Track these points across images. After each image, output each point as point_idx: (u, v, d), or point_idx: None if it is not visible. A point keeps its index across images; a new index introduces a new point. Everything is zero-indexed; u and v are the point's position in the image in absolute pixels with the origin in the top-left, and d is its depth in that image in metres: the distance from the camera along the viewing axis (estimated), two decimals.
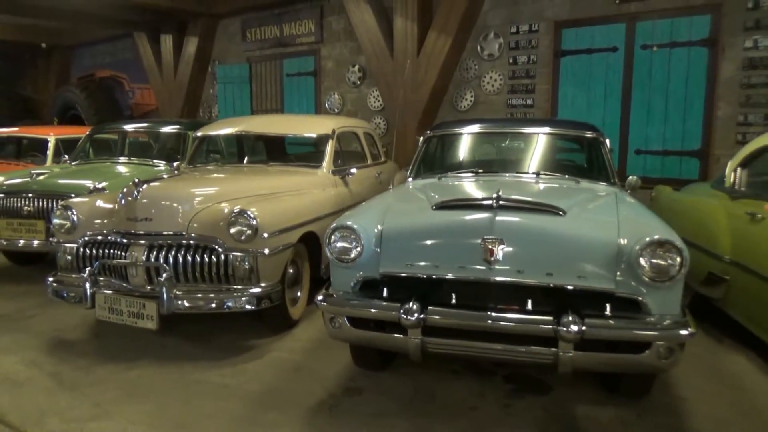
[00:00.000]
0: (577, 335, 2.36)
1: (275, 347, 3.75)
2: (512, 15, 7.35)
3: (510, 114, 7.48)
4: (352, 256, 2.77)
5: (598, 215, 2.86)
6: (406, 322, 2.53)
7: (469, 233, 2.59)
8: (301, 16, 9.54)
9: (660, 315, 2.48)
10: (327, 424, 2.78)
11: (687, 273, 2.47)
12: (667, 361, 2.43)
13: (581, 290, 2.51)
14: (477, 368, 3.37)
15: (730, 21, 5.91)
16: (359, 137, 5.72)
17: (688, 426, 2.77)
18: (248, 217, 3.57)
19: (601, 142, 3.97)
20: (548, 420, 2.82)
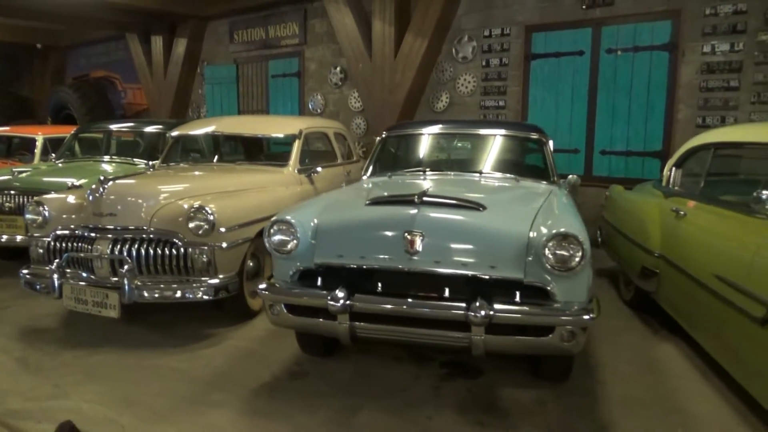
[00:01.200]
0: (485, 319, 2.57)
1: (232, 336, 3.97)
2: (485, 19, 7.56)
3: (483, 115, 7.70)
4: (288, 248, 2.99)
5: (518, 210, 3.06)
6: (332, 308, 2.75)
7: (394, 227, 2.81)
8: (285, 19, 9.78)
9: (566, 302, 2.69)
10: (266, 403, 3.00)
11: (589, 263, 2.69)
12: (570, 343, 2.64)
13: (494, 279, 2.72)
14: (417, 355, 3.59)
15: (689, 26, 6.12)
16: (329, 137, 5.94)
17: (600, 406, 2.99)
18: (206, 213, 3.79)
19: (544, 143, 4.18)
20: (471, 400, 3.04)
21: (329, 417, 2.85)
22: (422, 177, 3.99)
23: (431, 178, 3.96)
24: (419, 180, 3.89)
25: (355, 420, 2.82)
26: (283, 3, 9.64)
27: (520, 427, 2.78)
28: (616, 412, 2.93)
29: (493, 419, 2.85)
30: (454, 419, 2.85)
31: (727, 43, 5.92)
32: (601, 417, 2.88)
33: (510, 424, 2.81)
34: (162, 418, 2.84)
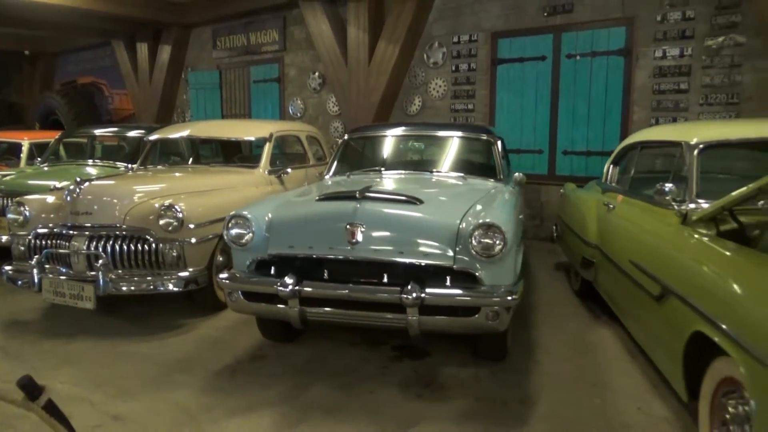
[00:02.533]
0: (417, 301, 2.87)
1: (202, 325, 4.26)
2: (454, 26, 7.89)
3: (454, 118, 8.02)
4: (244, 241, 3.28)
5: (454, 204, 3.35)
6: (282, 294, 3.04)
7: (337, 220, 3.10)
8: (266, 26, 10.08)
9: (492, 285, 2.99)
10: (226, 382, 3.29)
11: (514, 252, 3.00)
12: (495, 322, 2.93)
13: (427, 265, 3.02)
14: (371, 340, 3.88)
15: (642, 33, 6.46)
16: (301, 140, 6.24)
17: (530, 381, 3.29)
18: (175, 211, 4.08)
19: (493, 143, 4.49)
20: (414, 377, 3.34)
21: (282, 392, 3.14)
22: (378, 176, 4.29)
23: (386, 176, 4.27)
24: (374, 178, 4.19)
25: (305, 395, 3.11)
26: (263, 11, 9.94)
27: (452, 398, 3.08)
28: (545, 386, 3.24)
29: (430, 392, 3.15)
30: (394, 393, 3.14)
31: (677, 48, 6.26)
32: (529, 390, 3.18)
33: (444, 395, 3.11)
34: (129, 395, 3.12)
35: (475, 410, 2.96)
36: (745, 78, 5.96)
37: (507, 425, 2.80)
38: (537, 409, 2.96)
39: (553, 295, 5.02)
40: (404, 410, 2.95)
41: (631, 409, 2.96)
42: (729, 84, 6.03)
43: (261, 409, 2.94)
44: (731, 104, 6.04)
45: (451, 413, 2.92)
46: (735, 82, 6.00)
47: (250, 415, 2.88)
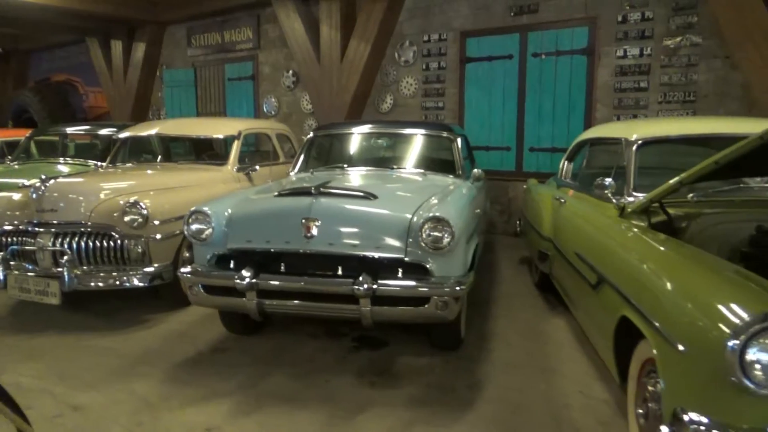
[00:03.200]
0: (369, 292, 2.99)
1: (167, 320, 4.34)
2: (425, 25, 8.02)
3: (425, 116, 8.16)
4: (204, 236, 3.37)
5: (408, 199, 3.47)
6: (239, 287, 3.14)
7: (293, 215, 3.21)
8: (240, 24, 10.11)
9: (441, 276, 3.12)
10: (186, 373, 3.38)
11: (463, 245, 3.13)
12: (444, 312, 3.06)
13: (380, 258, 3.14)
14: (332, 332, 4.00)
15: (604, 32, 6.65)
16: (271, 138, 6.32)
17: (481, 368, 3.43)
18: (140, 208, 4.15)
19: (453, 140, 4.62)
20: (370, 366, 3.46)
21: (240, 382, 3.24)
22: (340, 172, 4.41)
23: (347, 173, 4.38)
24: (335, 175, 4.30)
25: (263, 384, 3.22)
26: (237, 9, 9.97)
27: (405, 385, 3.21)
28: (494, 372, 3.38)
29: (384, 380, 3.28)
30: (349, 381, 3.26)
31: (637, 48, 6.46)
32: (479, 376, 3.32)
33: (397, 383, 3.24)
34: (91, 387, 3.20)
35: (425, 396, 3.09)
36: (701, 77, 6.17)
37: (454, 409, 2.94)
38: (484, 394, 3.10)
39: (514, 288, 5.18)
40: (357, 397, 3.07)
41: (574, 392, 3.12)
42: (686, 82, 6.24)
43: (218, 398, 3.04)
44: (688, 102, 6.25)
45: (401, 399, 3.04)
46: (691, 80, 6.21)
47: (207, 404, 2.98)
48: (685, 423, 1.77)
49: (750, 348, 1.62)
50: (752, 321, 1.63)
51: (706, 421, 1.75)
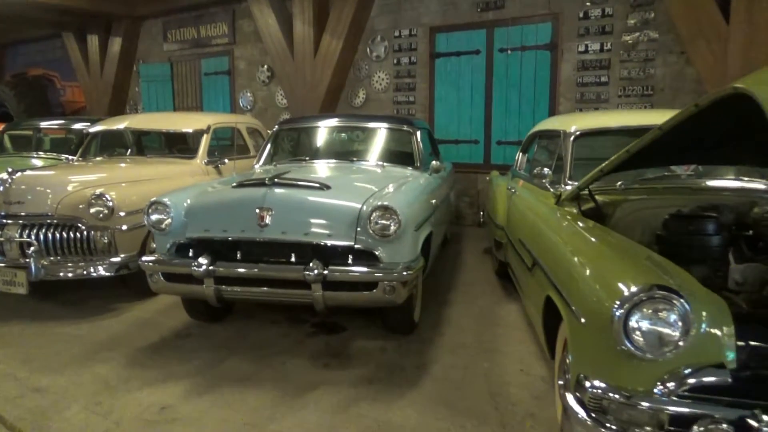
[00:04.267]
0: (319, 277, 3.15)
1: (135, 308, 4.46)
2: (395, 21, 8.16)
3: (396, 110, 8.31)
4: (163, 226, 3.50)
5: (360, 189, 3.62)
6: (197, 273, 3.28)
7: (248, 205, 3.35)
8: (215, 19, 10.18)
9: (390, 263, 3.28)
10: (147, 358, 3.52)
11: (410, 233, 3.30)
12: (392, 296, 3.23)
13: (331, 245, 3.29)
14: (293, 318, 4.15)
15: (566, 28, 6.84)
16: (242, 132, 6.44)
17: (431, 350, 3.60)
18: (105, 200, 4.27)
19: (413, 134, 4.78)
20: (325, 350, 3.62)
21: (198, 365, 3.38)
22: (300, 164, 4.55)
23: (308, 165, 4.53)
24: (296, 167, 4.45)
25: (220, 367, 3.37)
26: (213, 4, 10.04)
27: (356, 366, 3.38)
28: (443, 353, 3.56)
29: (337, 362, 3.44)
30: (304, 363, 3.42)
31: (597, 43, 6.66)
32: (428, 358, 3.50)
33: (349, 364, 3.40)
34: (53, 371, 3.33)
35: (373, 376, 3.25)
36: (658, 71, 6.38)
37: (400, 386, 3.11)
38: (430, 373, 3.28)
39: (475, 276, 5.36)
40: (309, 377, 3.23)
41: (515, 370, 3.31)
42: (644, 77, 6.46)
43: (175, 379, 3.19)
44: (646, 95, 6.46)
45: (351, 378, 3.21)
46: (649, 75, 6.43)
47: (164, 385, 3.12)
48: (586, 388, 1.95)
49: (633, 316, 1.80)
50: (637, 292, 1.82)
51: (604, 386, 1.93)
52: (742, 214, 2.79)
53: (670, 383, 1.82)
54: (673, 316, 1.79)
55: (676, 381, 1.81)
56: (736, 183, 3.16)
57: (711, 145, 2.61)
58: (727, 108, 1.95)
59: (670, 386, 1.81)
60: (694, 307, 1.79)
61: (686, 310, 1.77)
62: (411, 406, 2.90)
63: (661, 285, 1.82)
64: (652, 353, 1.79)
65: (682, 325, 1.77)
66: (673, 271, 2.00)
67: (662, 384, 1.82)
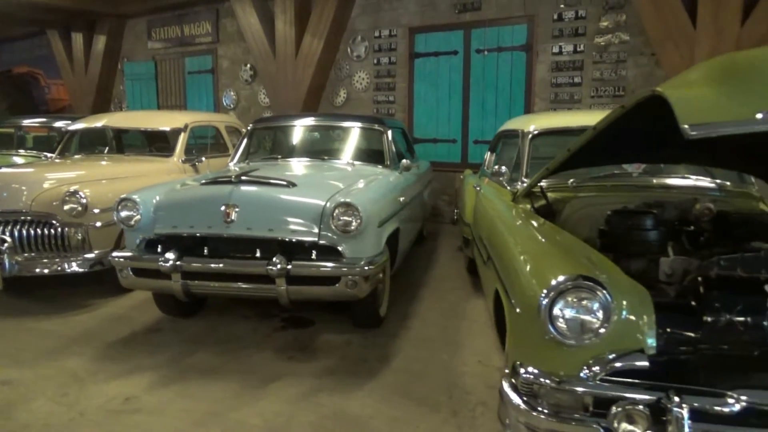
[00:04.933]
0: (282, 272, 3.24)
1: (109, 305, 4.53)
2: (375, 21, 8.26)
3: (376, 109, 8.41)
4: (132, 222, 3.58)
5: (327, 187, 3.70)
6: (163, 269, 3.36)
7: (215, 201, 3.44)
8: (199, 18, 10.23)
9: (352, 258, 3.38)
10: (117, 352, 3.60)
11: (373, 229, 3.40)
12: (354, 290, 3.33)
13: (295, 241, 3.39)
14: (263, 313, 4.24)
15: (541, 30, 6.97)
16: (220, 130, 6.51)
17: (395, 343, 3.71)
18: (79, 197, 4.34)
19: (383, 133, 4.88)
20: (292, 343, 3.72)
21: (166, 358, 3.47)
22: (272, 162, 4.64)
23: (280, 163, 4.62)
24: (268, 165, 4.54)
25: (187, 360, 3.45)
26: (197, 2, 10.10)
27: (320, 358, 3.47)
28: (406, 346, 3.66)
29: (302, 355, 3.54)
30: (269, 356, 3.52)
31: (571, 45, 6.79)
32: (390, 350, 3.60)
33: (313, 357, 3.50)
34: (24, 364, 3.40)
35: (336, 367, 3.36)
36: (629, 72, 6.52)
37: (360, 377, 3.21)
38: (391, 365, 3.39)
39: (446, 273, 5.47)
40: (273, 369, 3.32)
41: (473, 361, 3.42)
42: (616, 78, 6.59)
43: (142, 372, 3.27)
44: (618, 96, 6.60)
45: (313, 370, 3.31)
46: (621, 76, 6.56)
47: (131, 377, 3.21)
48: (520, 375, 2.06)
49: (557, 304, 1.91)
50: (562, 281, 1.92)
51: (536, 371, 2.03)
52: (685, 210, 2.92)
53: (595, 368, 1.92)
54: (595, 304, 1.90)
55: (600, 366, 1.91)
56: (683, 180, 3.29)
57: (652, 145, 2.73)
58: (654, 110, 2.06)
59: (595, 370, 1.92)
60: (616, 297, 1.90)
61: (607, 300, 1.88)
62: (369, 396, 3.01)
63: (585, 276, 1.93)
64: (575, 339, 1.90)
65: (603, 313, 1.88)
66: (603, 265, 2.11)
67: (588, 369, 1.93)
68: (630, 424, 1.82)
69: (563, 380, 1.94)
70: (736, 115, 1.70)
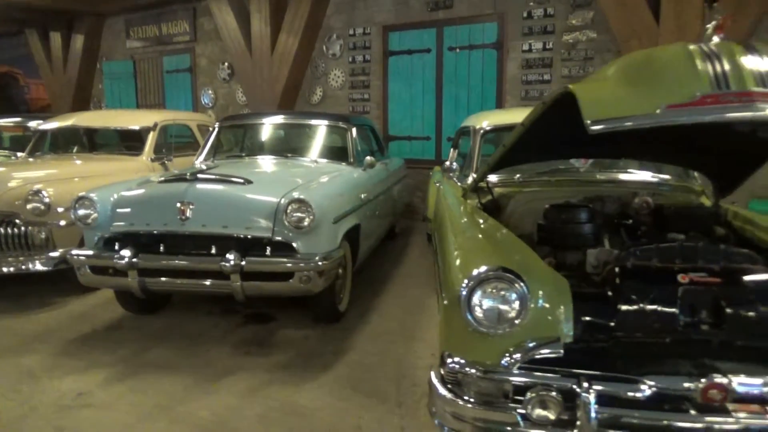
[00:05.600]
0: (236, 268, 3.29)
1: (74, 303, 4.55)
2: (350, 19, 8.29)
3: (352, 107, 8.45)
4: (89, 220, 3.62)
5: (283, 184, 3.74)
6: (119, 266, 3.40)
7: (170, 199, 3.48)
8: (176, 17, 10.22)
9: (306, 253, 3.44)
10: (76, 348, 3.63)
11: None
12: (308, 285, 3.38)
13: (250, 237, 3.43)
14: (227, 310, 4.28)
15: (511, 28, 7.04)
16: (192, 129, 6.54)
17: (353, 337, 3.76)
18: (42, 196, 4.36)
19: (348, 131, 4.93)
20: (252, 338, 3.76)
21: (124, 354, 3.51)
22: (237, 160, 4.68)
23: (244, 160, 4.66)
24: (231, 162, 4.58)
25: (145, 356, 3.50)
26: (174, 2, 10.08)
27: (276, 353, 3.53)
28: (363, 340, 3.72)
29: (259, 349, 3.59)
30: (228, 351, 3.56)
31: (540, 42, 6.87)
32: (347, 343, 3.66)
33: (270, 352, 3.55)
34: None
35: (290, 361, 3.41)
36: (597, 69, 6.60)
37: (313, 371, 3.27)
38: (346, 358, 3.44)
39: (413, 269, 5.53)
40: (229, 364, 3.37)
41: (427, 355, 3.48)
42: (584, 75, 6.67)
43: (98, 368, 3.31)
44: None
45: (268, 364, 3.36)
46: (589, 73, 6.64)
47: (86, 373, 3.24)
48: (448, 364, 2.12)
49: (475, 294, 1.97)
50: (482, 272, 1.98)
51: (462, 361, 2.09)
52: (625, 204, 3.00)
53: (515, 356, 1.98)
54: (512, 295, 1.96)
55: (520, 354, 1.98)
56: (628, 175, 3.36)
57: (595, 141, 2.79)
58: (574, 106, 2.12)
59: (516, 358, 1.98)
60: (533, 288, 1.96)
61: (524, 291, 1.94)
62: (320, 388, 3.06)
63: (504, 267, 1.99)
64: (492, 328, 1.96)
65: (520, 304, 1.95)
66: (527, 258, 2.17)
67: (509, 357, 1.99)
68: (543, 409, 1.89)
69: (485, 369, 2.00)
70: (637, 111, 1.77)
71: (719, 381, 1.82)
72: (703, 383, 1.82)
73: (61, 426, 2.70)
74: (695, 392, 1.83)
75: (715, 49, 1.85)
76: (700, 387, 1.82)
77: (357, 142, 4.93)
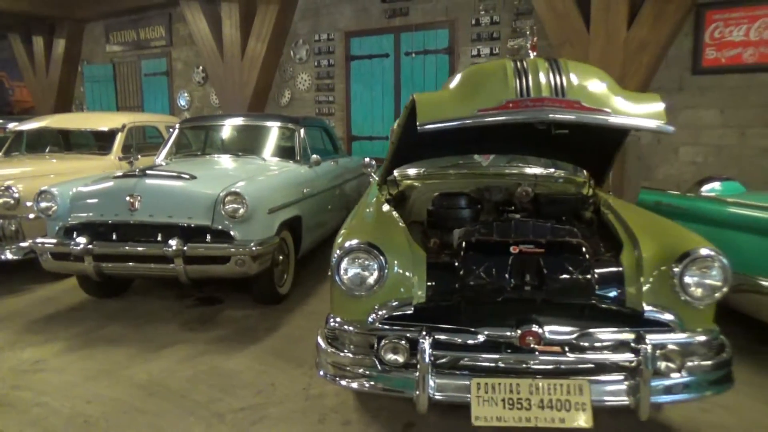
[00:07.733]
0: (178, 252, 3.73)
1: (42, 289, 4.99)
2: (315, 25, 8.75)
3: (318, 109, 8.90)
4: (51, 212, 4.05)
5: (225, 179, 4.17)
6: (75, 252, 3.84)
7: (121, 192, 3.93)
8: (153, 22, 10.64)
9: (243, 240, 3.88)
10: (37, 327, 4.06)
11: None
12: (243, 268, 3.83)
13: (192, 226, 3.88)
14: (181, 295, 4.72)
15: (461, 34, 7.51)
16: (160, 130, 6.97)
17: (289, 317, 4.21)
18: (12, 191, 4.79)
19: (296, 131, 5.38)
20: (197, 318, 4.21)
21: (80, 331, 3.94)
22: (190, 159, 5.13)
23: (198, 158, 5.12)
24: (184, 160, 5.02)
25: (99, 332, 3.93)
26: (150, 8, 10.49)
27: (217, 329, 3.97)
28: (297, 319, 4.17)
29: (202, 326, 4.03)
30: (174, 328, 4.01)
31: (487, 48, 7.34)
32: (282, 321, 4.11)
33: (211, 328, 3.99)
34: None
35: (227, 336, 3.86)
36: None
37: (244, 343, 3.71)
38: (275, 333, 3.90)
39: None
40: (172, 338, 3.81)
41: None
42: None
43: (55, 341, 3.75)
44: None
45: (205, 338, 3.81)
46: None
47: (44, 345, 3.68)
48: (329, 323, 2.57)
49: (342, 262, 2.42)
50: (350, 245, 2.43)
51: (339, 320, 2.55)
52: (510, 193, 3.47)
53: (379, 313, 2.43)
54: (374, 264, 2.41)
55: (382, 311, 2.43)
56: (524, 169, 3.83)
57: (498, 139, 3.26)
58: None
59: (379, 315, 2.43)
60: (391, 259, 2.42)
61: (382, 262, 2.40)
62: (246, 356, 3.51)
63: (369, 242, 2.44)
64: (358, 291, 2.41)
65: (378, 272, 2.40)
66: (396, 235, 2.62)
67: (374, 314, 2.45)
68: (394, 354, 2.34)
69: (352, 325, 2.46)
70: (457, 114, 2.23)
71: (534, 330, 2.28)
72: (520, 332, 2.28)
73: (17, 385, 3.14)
74: (514, 339, 2.29)
75: (526, 64, 2.32)
76: (518, 335, 2.28)
77: (305, 141, 5.37)
